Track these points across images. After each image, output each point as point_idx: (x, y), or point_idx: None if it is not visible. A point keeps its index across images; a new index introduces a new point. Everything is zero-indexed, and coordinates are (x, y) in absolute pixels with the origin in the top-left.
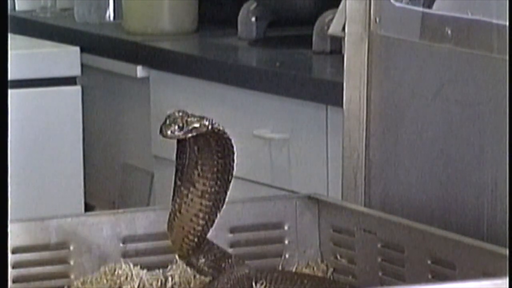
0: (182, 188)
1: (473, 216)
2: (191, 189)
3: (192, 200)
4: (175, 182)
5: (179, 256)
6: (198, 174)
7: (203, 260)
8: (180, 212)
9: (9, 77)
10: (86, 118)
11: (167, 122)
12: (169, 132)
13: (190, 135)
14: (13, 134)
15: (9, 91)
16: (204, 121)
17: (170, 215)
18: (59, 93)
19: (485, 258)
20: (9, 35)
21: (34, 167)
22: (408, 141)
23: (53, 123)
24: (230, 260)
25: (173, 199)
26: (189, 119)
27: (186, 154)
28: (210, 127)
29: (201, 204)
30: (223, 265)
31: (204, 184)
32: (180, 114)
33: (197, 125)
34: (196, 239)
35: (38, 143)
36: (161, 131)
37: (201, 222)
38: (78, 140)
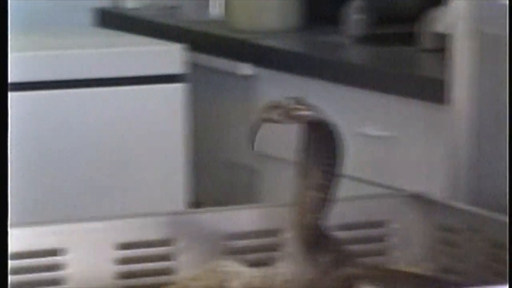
0: (296, 181)
1: None
2: (305, 182)
3: (306, 193)
4: (295, 177)
5: (302, 252)
6: (313, 166)
7: (325, 258)
8: (295, 205)
9: (116, 75)
10: (192, 115)
11: (271, 106)
12: (269, 115)
13: (292, 122)
14: (120, 131)
15: (115, 89)
16: (313, 111)
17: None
18: (165, 91)
19: None
20: (117, 32)
21: (140, 164)
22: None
23: (158, 121)
24: (350, 261)
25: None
26: (295, 106)
27: (303, 146)
28: (317, 117)
29: (314, 197)
30: (342, 265)
31: (317, 177)
32: (289, 100)
33: (303, 113)
34: (311, 232)
35: (144, 140)
36: (262, 114)
37: (314, 215)
38: (183, 138)
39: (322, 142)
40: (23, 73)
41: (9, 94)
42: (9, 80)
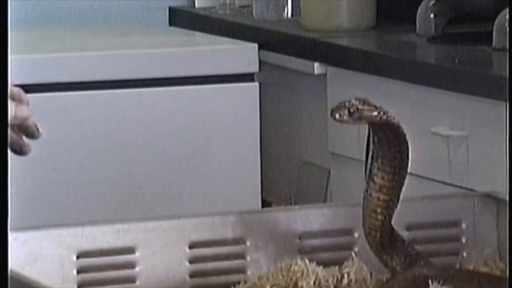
0: (364, 183)
1: None
2: (370, 183)
3: (371, 195)
4: (365, 176)
5: (373, 253)
6: (378, 168)
7: (396, 259)
8: (362, 207)
9: (189, 74)
10: (263, 114)
11: (339, 106)
12: (337, 115)
13: (359, 122)
14: (193, 130)
15: (188, 88)
16: (378, 111)
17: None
18: (238, 89)
19: None
20: (188, 32)
21: (212, 162)
22: None
23: (231, 119)
24: (421, 261)
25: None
26: (362, 107)
27: (370, 148)
28: (382, 117)
29: (378, 199)
30: (413, 266)
31: (382, 178)
32: (356, 101)
33: (368, 113)
34: (378, 234)
35: (217, 139)
36: (331, 113)
37: (379, 217)
38: (256, 136)
39: (386, 143)
40: (102, 71)
41: (83, 92)
42: (85, 79)
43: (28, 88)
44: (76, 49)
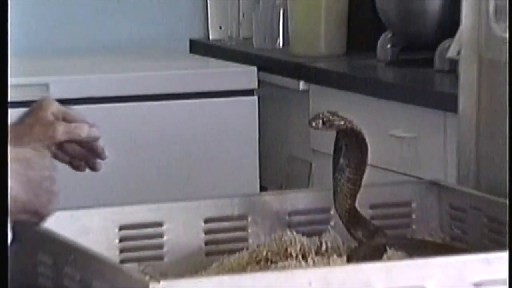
0: (336, 175)
1: None
2: (340, 176)
3: (342, 184)
4: (333, 169)
5: (344, 228)
6: (346, 165)
7: (360, 232)
8: (334, 193)
9: (204, 90)
10: (261, 120)
11: (315, 117)
12: (313, 124)
13: (330, 129)
14: (207, 132)
15: (203, 100)
16: (345, 121)
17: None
18: (241, 101)
19: None
20: (204, 58)
21: (221, 158)
22: (503, 139)
23: (236, 125)
24: (380, 233)
25: (333, 182)
26: (332, 118)
27: (338, 149)
28: (348, 126)
29: (346, 187)
30: (375, 236)
31: (349, 172)
32: (328, 113)
33: (337, 122)
34: (347, 214)
35: (224, 139)
36: (309, 123)
37: (348, 201)
38: (255, 137)
39: (351, 146)
40: (130, 88)
41: (115, 105)
42: (117, 94)
43: (82, 101)
44: (117, 71)
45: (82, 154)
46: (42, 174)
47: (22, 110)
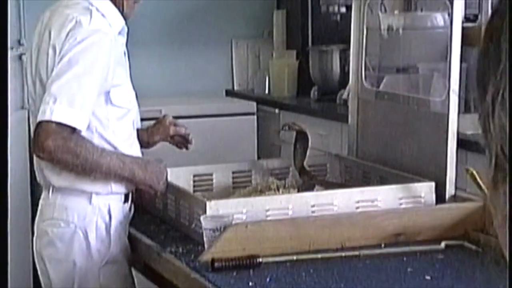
0: (295, 151)
1: None
2: (297, 152)
3: (297, 156)
4: (293, 149)
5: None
6: (299, 147)
7: (305, 177)
8: (294, 160)
9: (226, 112)
10: (259, 127)
11: (284, 124)
12: (284, 128)
13: (292, 130)
14: (222, 137)
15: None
16: (298, 126)
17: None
18: (246, 119)
19: None
20: (233, 99)
21: (233, 149)
22: (373, 136)
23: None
24: (314, 178)
25: (293, 155)
26: (292, 124)
27: (296, 140)
28: (300, 128)
29: (299, 162)
30: (312, 179)
31: (300, 154)
32: (289, 122)
33: (295, 127)
34: (299, 169)
35: (230, 144)
36: (282, 127)
37: (300, 163)
38: (253, 145)
39: (301, 138)
40: (192, 111)
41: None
42: (184, 114)
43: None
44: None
45: (181, 141)
46: (155, 166)
47: (150, 122)
